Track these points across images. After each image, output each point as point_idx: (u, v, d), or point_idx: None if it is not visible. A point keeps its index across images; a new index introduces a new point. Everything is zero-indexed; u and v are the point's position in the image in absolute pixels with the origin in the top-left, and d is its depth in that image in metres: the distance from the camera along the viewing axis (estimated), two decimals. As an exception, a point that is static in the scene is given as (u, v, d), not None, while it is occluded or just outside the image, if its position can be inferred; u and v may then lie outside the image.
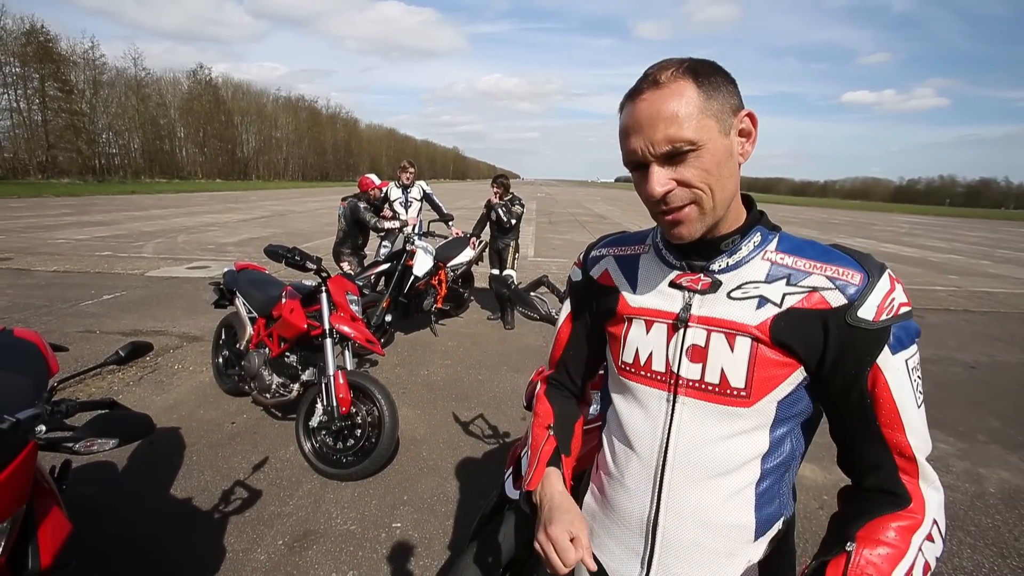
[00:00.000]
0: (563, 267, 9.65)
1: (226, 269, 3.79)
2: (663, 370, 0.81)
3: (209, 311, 5.32)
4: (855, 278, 0.72)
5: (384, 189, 5.83)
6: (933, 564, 0.74)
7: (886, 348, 0.71)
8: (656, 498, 0.83)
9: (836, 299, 0.72)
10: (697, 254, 0.80)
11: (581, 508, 0.93)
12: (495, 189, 5.60)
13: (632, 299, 0.85)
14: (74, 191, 27.30)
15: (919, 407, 0.74)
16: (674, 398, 0.80)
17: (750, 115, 0.73)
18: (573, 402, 1.06)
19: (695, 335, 0.78)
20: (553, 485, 0.89)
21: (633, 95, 0.71)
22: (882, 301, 0.71)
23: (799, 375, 0.75)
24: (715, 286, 0.78)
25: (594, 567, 0.82)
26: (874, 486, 0.76)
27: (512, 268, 5.69)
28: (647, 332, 0.83)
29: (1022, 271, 12.50)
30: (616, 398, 0.91)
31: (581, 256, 0.98)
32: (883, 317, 0.71)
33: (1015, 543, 2.50)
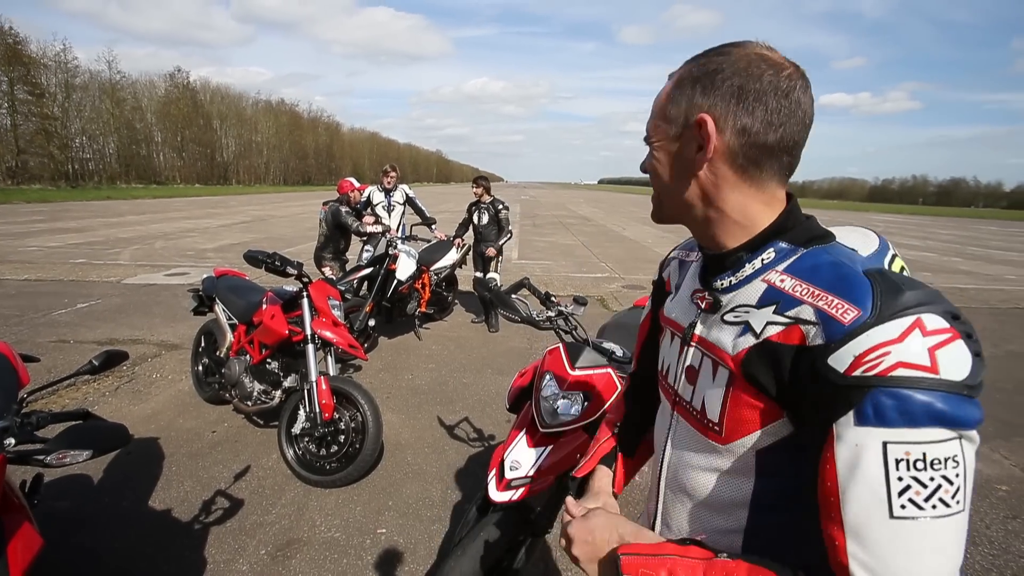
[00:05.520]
0: (547, 269, 9.68)
1: (205, 276, 3.73)
2: (672, 384, 0.79)
3: (188, 319, 5.22)
4: (849, 314, 0.54)
5: (365, 191, 5.80)
6: None
7: (850, 414, 0.52)
8: (656, 508, 0.82)
9: (816, 337, 0.56)
10: (712, 269, 0.74)
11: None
12: (476, 190, 5.65)
13: (667, 307, 0.84)
14: (46, 197, 26.58)
15: (892, 518, 0.50)
16: (673, 415, 0.79)
17: (700, 122, 0.64)
18: (651, 405, 0.97)
19: (693, 355, 0.73)
20: (599, 480, 0.93)
21: None
22: (867, 351, 0.52)
23: (782, 428, 0.62)
24: (715, 306, 0.71)
25: None
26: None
27: (496, 271, 5.70)
28: (670, 343, 0.81)
29: (991, 267, 12.90)
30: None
31: (664, 257, 0.98)
32: (857, 372, 0.52)
33: (986, 531, 2.58)
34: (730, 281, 0.69)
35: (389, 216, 5.93)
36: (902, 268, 0.78)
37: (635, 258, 11.54)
